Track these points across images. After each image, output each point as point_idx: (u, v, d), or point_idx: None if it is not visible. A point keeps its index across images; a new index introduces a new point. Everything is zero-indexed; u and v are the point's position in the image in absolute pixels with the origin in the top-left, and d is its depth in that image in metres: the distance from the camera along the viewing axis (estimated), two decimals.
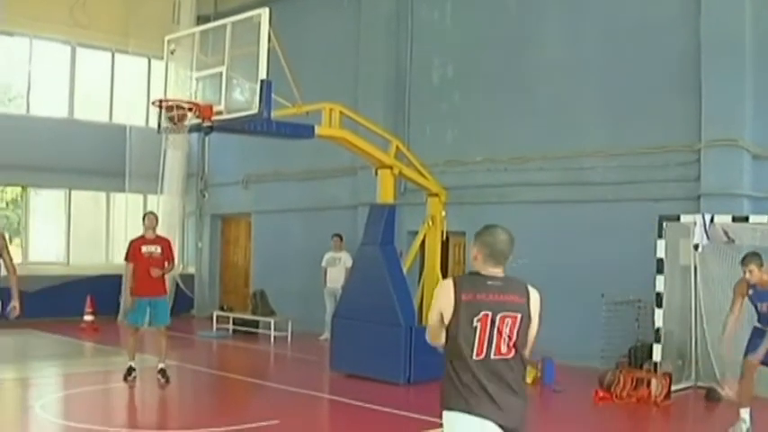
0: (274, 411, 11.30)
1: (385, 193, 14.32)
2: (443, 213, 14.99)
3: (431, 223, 14.87)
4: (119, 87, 23.91)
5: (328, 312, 17.58)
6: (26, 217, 23.01)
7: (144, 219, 13.54)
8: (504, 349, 4.64)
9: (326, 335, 17.01)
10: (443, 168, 16.88)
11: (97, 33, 22.96)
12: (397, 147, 14.76)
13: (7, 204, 24.27)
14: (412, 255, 15.04)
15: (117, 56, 23.82)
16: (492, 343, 4.61)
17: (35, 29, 22.27)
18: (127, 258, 13.22)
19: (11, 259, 10.88)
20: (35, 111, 22.82)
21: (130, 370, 13.00)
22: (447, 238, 15.51)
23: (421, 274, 15.48)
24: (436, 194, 15.10)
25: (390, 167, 14.24)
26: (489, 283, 4.67)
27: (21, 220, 23.15)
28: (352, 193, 19.26)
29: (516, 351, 4.68)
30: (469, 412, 4.59)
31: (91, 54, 23.72)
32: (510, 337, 4.64)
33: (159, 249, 13.09)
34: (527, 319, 4.69)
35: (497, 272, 4.73)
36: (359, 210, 17.95)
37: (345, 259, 17.70)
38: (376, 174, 14.52)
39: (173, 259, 13.48)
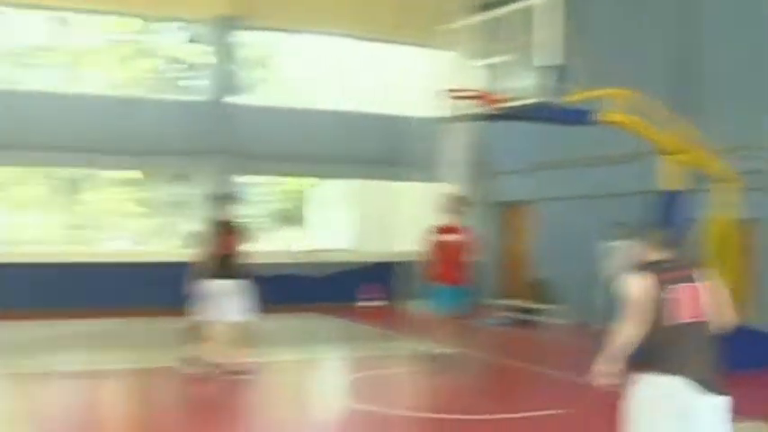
0: (556, 401, 11.17)
1: (672, 179, 13.84)
2: (734, 200, 14.32)
3: (720, 210, 14.25)
4: (400, 78, 24.35)
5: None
6: (310, 206, 23.97)
7: (446, 205, 13.57)
8: (693, 313, 5.55)
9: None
10: (735, 154, 16.08)
11: (372, 26, 23.45)
12: (685, 131, 14.23)
13: (295, 193, 25.42)
14: (702, 243, 14.46)
15: (395, 47, 24.28)
16: (682, 309, 5.52)
17: (315, 24, 23.05)
18: (427, 245, 13.32)
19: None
20: (318, 104, 23.68)
21: (432, 357, 13.17)
22: (737, 226, 14.80)
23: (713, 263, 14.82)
24: (726, 180, 14.44)
25: (678, 153, 13.75)
26: (666, 265, 5.68)
27: (303, 208, 24.17)
28: (638, 179, 18.71)
29: (703, 314, 5.60)
30: (672, 372, 5.45)
31: (371, 46, 24.30)
32: (695, 302, 5.57)
33: (458, 237, 13.12)
34: (704, 285, 5.64)
35: (667, 255, 5.76)
36: (644, 197, 17.43)
37: (627, 249, 17.22)
38: (662, 160, 14.06)
39: (474, 247, 13.37)
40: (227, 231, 12.09)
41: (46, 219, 23.45)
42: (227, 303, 11.86)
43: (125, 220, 24.22)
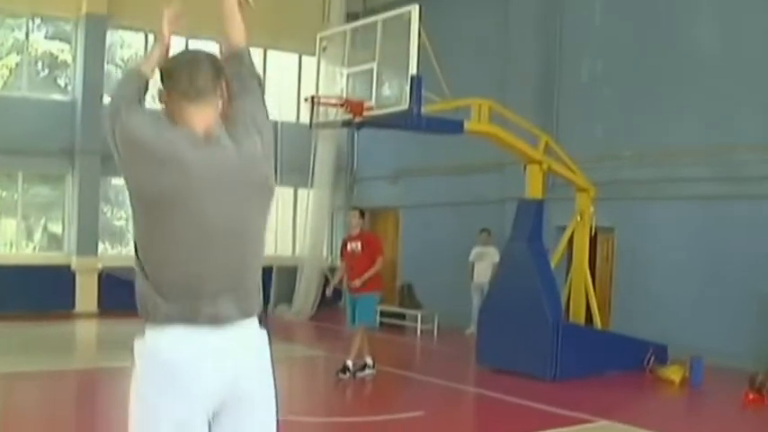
0: (420, 403, 11.43)
1: (533, 188, 14.24)
2: (592, 209, 14.85)
3: (579, 219, 14.75)
4: (270, 83, 24.37)
5: (475, 307, 17.65)
6: None
7: (350, 216, 13.59)
8: None
9: (472, 329, 17.04)
10: (592, 164, 16.61)
11: (249, 31, 23.38)
12: (546, 142, 14.67)
13: None
14: (560, 250, 14.95)
15: (268, 52, 24.31)
16: None
17: (190, 29, 22.84)
18: (341, 255, 13.43)
19: None
20: None
21: (345, 369, 12.90)
22: (595, 233, 15.36)
23: (568, 270, 15.39)
24: (585, 190, 14.95)
25: (539, 163, 14.16)
26: None
27: None
28: (500, 188, 19.19)
29: None
30: None
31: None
32: None
33: (360, 246, 12.93)
34: None
35: None
36: (507, 205, 17.87)
37: (493, 254, 17.71)
38: (524, 169, 14.45)
39: (376, 254, 12.95)
40: None
41: None
42: None
43: None
